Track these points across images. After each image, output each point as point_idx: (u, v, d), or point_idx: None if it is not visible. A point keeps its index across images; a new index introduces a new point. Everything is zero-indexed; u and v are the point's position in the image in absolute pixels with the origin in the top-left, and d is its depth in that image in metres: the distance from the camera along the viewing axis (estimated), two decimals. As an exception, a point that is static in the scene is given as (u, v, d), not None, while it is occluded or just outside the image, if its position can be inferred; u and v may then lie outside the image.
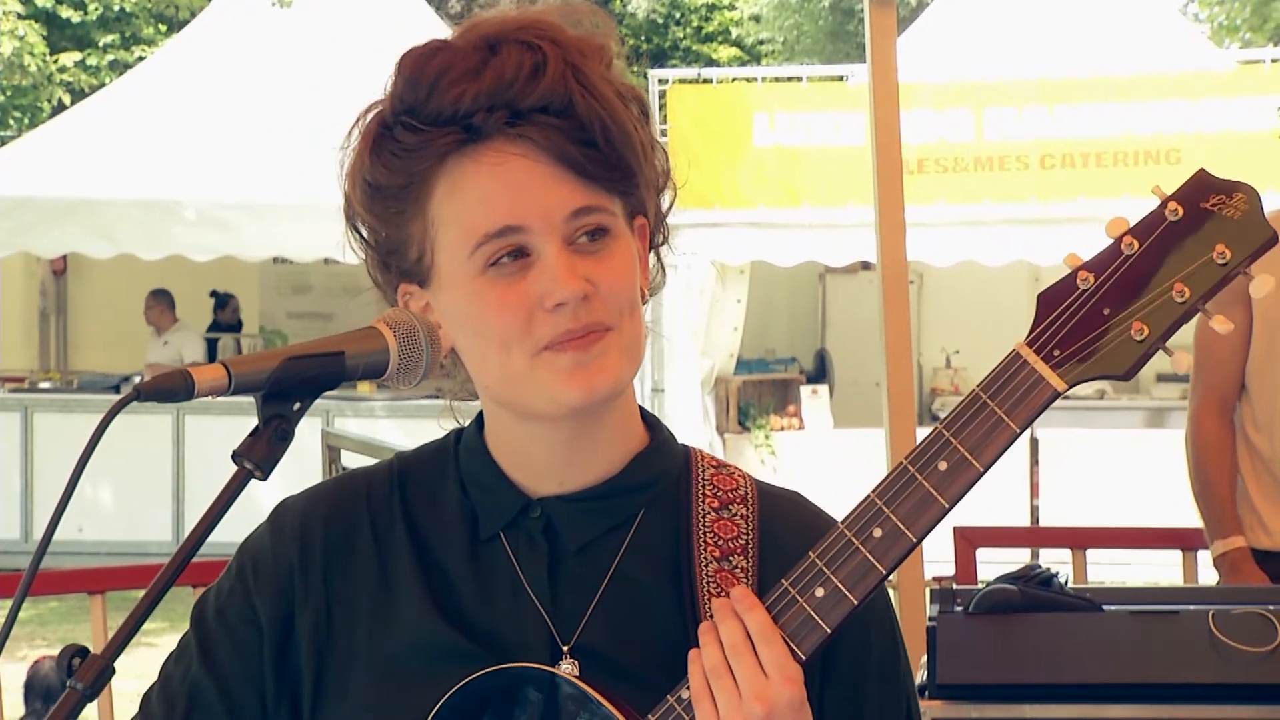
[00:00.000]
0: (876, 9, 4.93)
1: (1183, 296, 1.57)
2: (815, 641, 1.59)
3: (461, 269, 1.67)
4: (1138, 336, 1.58)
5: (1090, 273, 1.58)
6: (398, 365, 1.58)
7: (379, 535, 1.77)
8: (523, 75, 1.64)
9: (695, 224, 12.58)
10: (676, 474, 1.79)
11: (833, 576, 1.59)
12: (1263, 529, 4.32)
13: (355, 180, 1.73)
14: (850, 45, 26.57)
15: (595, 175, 1.66)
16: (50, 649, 9.28)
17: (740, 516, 1.75)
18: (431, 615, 1.71)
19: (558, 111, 1.65)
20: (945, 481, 1.58)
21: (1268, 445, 4.32)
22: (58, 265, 15.63)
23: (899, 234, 4.85)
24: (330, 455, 7.34)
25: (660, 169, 1.78)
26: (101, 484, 13.09)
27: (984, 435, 1.58)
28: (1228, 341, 4.33)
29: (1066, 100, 12.21)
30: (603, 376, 1.66)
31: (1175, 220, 1.57)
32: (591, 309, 1.66)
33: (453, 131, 1.65)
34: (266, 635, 1.75)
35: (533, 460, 1.75)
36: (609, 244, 1.68)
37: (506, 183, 1.65)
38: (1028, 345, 1.58)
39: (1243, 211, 1.58)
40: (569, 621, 1.71)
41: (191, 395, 1.47)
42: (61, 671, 1.47)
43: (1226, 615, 3.42)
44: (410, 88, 1.68)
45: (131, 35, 22.35)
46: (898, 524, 1.59)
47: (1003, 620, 3.44)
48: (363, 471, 1.84)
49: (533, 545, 1.74)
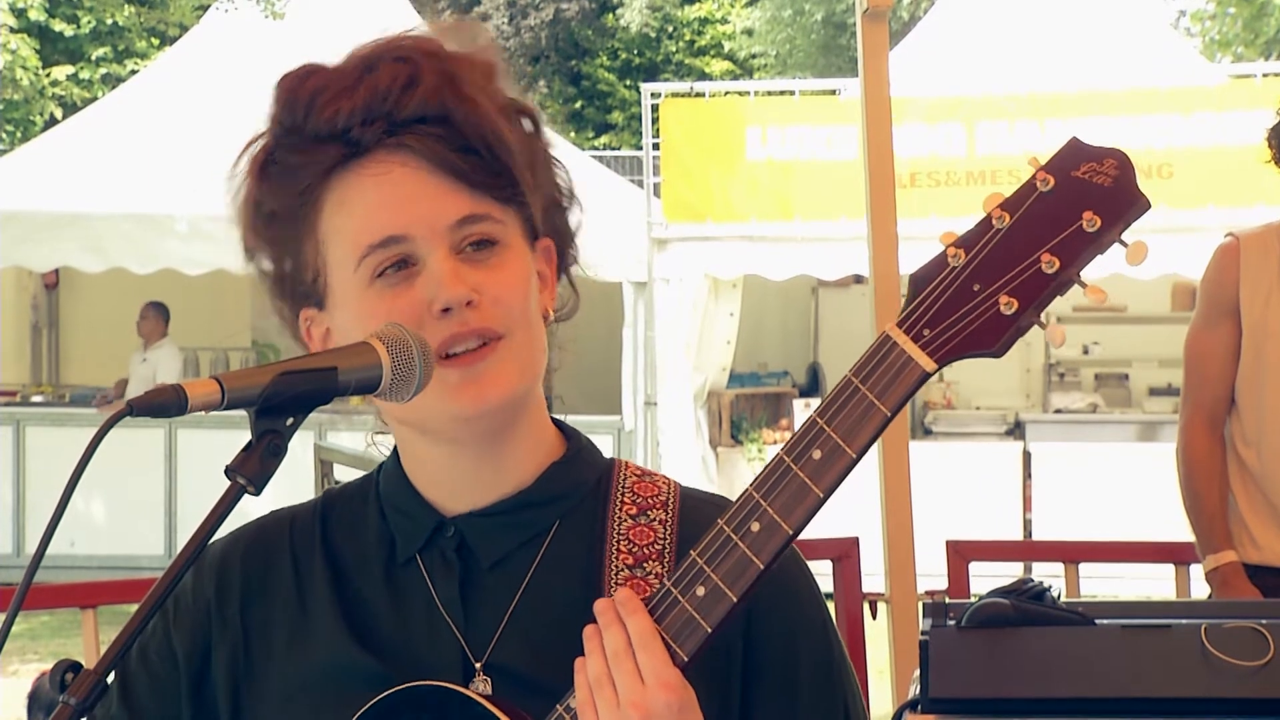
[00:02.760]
0: (869, 24, 4.93)
1: (1052, 267, 1.51)
2: (698, 641, 1.57)
3: (351, 283, 1.68)
4: (1007, 310, 1.52)
5: (961, 249, 1.54)
6: (391, 380, 1.58)
7: (299, 567, 1.78)
8: (397, 87, 1.65)
9: (687, 237, 12.58)
10: (594, 483, 1.78)
11: (713, 574, 1.56)
12: (1253, 544, 4.32)
13: (247, 209, 1.74)
14: (843, 59, 26.61)
15: (479, 183, 1.66)
16: (42, 663, 9.26)
17: (659, 522, 1.74)
18: (345, 641, 1.71)
19: (435, 121, 1.65)
20: (820, 470, 1.55)
21: (1256, 460, 4.33)
22: (49, 279, 15.60)
23: (891, 247, 4.85)
24: (323, 469, 7.32)
25: (563, 185, 1.77)
26: (94, 498, 13.06)
27: (856, 420, 1.54)
28: (1217, 356, 4.34)
29: (1058, 114, 12.21)
30: (493, 388, 1.66)
31: (1046, 190, 1.52)
32: (480, 315, 1.65)
33: (334, 146, 1.66)
34: (183, 671, 1.77)
35: (445, 479, 1.75)
36: (499, 254, 1.67)
37: (390, 192, 1.65)
38: (898, 326, 1.55)
39: (1113, 178, 1.52)
40: (482, 639, 1.70)
41: (184, 410, 1.46)
42: (55, 687, 1.46)
43: (1219, 629, 3.42)
44: (288, 110, 1.69)
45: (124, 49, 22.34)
46: (774, 517, 1.55)
47: (995, 634, 3.44)
48: (290, 508, 1.85)
49: (446, 564, 1.73)
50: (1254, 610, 3.63)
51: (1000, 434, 13.58)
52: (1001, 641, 3.43)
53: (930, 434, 13.90)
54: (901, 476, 4.92)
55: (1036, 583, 3.81)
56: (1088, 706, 3.41)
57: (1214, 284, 4.34)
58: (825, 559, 5.16)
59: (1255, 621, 3.46)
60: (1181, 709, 3.39)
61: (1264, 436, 4.30)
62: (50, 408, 14.15)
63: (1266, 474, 4.30)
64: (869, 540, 5.16)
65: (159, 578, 1.51)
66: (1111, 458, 12.70)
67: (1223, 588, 4.33)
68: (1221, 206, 11.43)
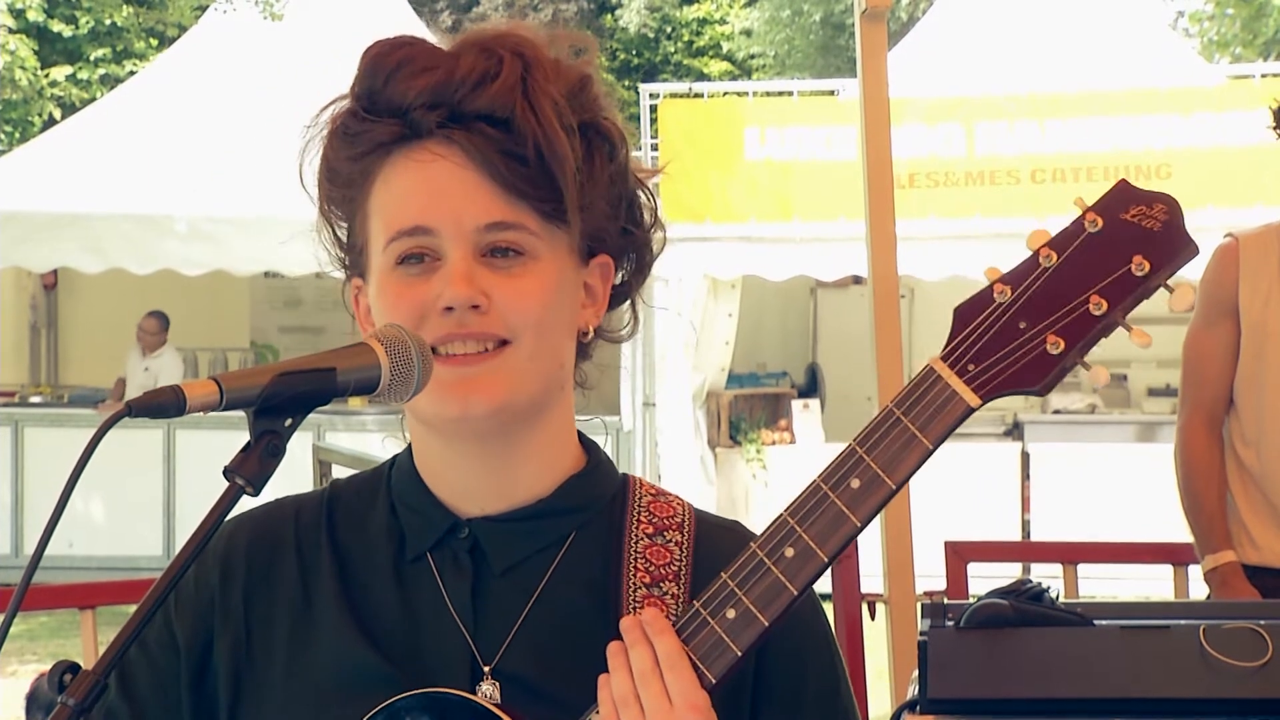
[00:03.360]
0: (867, 24, 4.93)
1: (1100, 309, 1.52)
2: (726, 664, 1.56)
3: (380, 262, 1.69)
4: (1053, 350, 1.52)
5: (1008, 285, 1.54)
6: (389, 381, 1.58)
7: (304, 557, 1.77)
8: (472, 79, 1.65)
9: (686, 238, 12.57)
10: (611, 499, 1.78)
11: (744, 598, 1.56)
12: (1251, 545, 4.32)
13: (321, 165, 1.75)
14: (841, 60, 26.62)
15: (520, 191, 1.65)
16: (41, 664, 9.26)
17: (674, 544, 1.74)
18: (350, 635, 1.71)
19: (497, 122, 1.65)
20: (858, 500, 1.55)
21: (1255, 460, 4.32)
22: (48, 279, 15.60)
23: (890, 248, 4.85)
24: (322, 470, 7.32)
25: (638, 212, 1.77)
26: (92, 499, 13.06)
27: (897, 452, 1.55)
28: (1216, 356, 4.33)
29: (1057, 115, 12.22)
30: (482, 395, 1.65)
31: (1095, 232, 1.53)
32: (485, 320, 1.65)
33: (394, 124, 1.67)
34: (184, 660, 1.76)
35: (457, 480, 1.74)
36: (524, 264, 1.67)
37: (427, 183, 1.66)
38: (942, 360, 1.55)
39: (1163, 223, 1.54)
40: (492, 643, 1.70)
41: (183, 411, 1.46)
42: (53, 688, 1.46)
43: (1218, 630, 3.42)
44: (369, 75, 1.70)
45: (123, 49, 22.33)
46: (809, 543, 1.55)
47: (994, 635, 3.44)
48: (295, 497, 1.84)
49: (458, 566, 1.73)
50: (1253, 611, 3.63)
51: (999, 434, 13.58)
52: (1000, 642, 3.43)
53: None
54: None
55: (1035, 583, 3.81)
56: (1086, 707, 3.41)
57: (1213, 284, 4.34)
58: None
59: (1254, 622, 3.46)
60: (1180, 709, 3.39)
61: (1264, 436, 4.30)
62: (49, 408, 14.14)
63: (1266, 474, 4.30)
64: (867, 541, 5.13)
65: (157, 578, 1.51)
66: (1110, 458, 12.70)
67: (1221, 588, 4.33)
68: (1220, 207, 11.41)
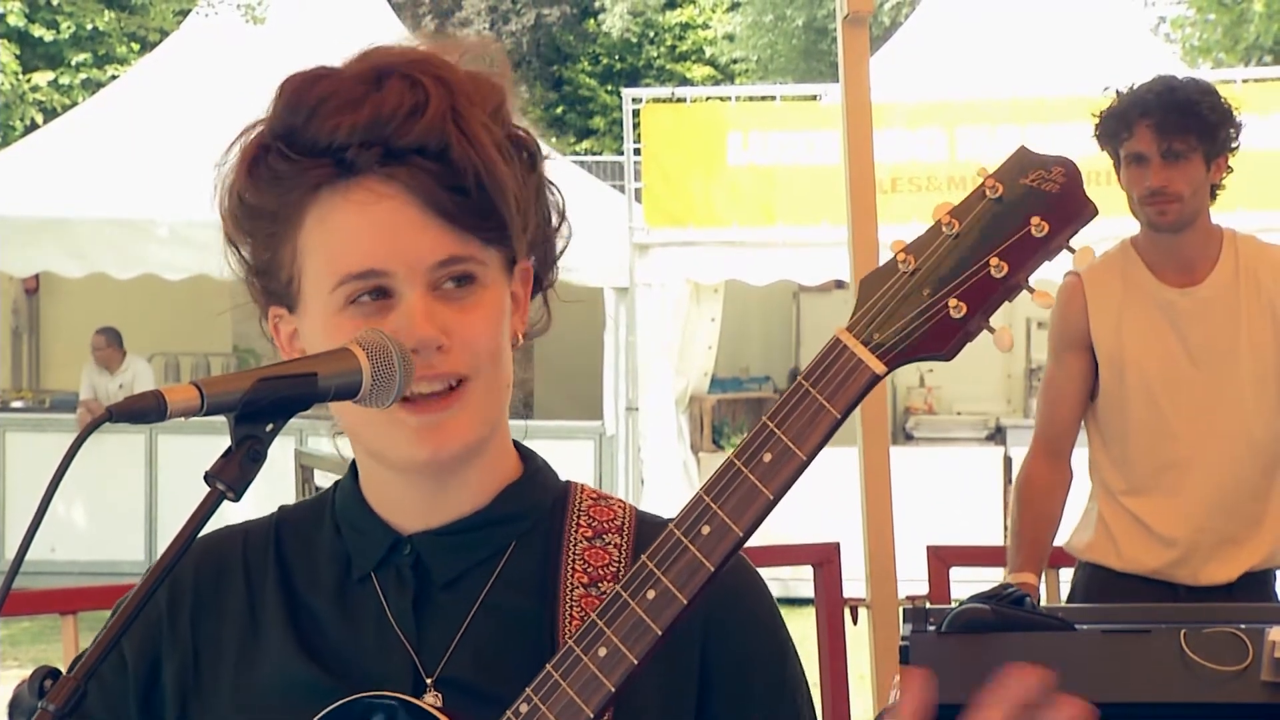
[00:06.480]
0: (850, 29, 4.94)
1: (1001, 271, 1.53)
2: (647, 644, 1.56)
3: (323, 302, 1.67)
4: (956, 314, 1.53)
5: (911, 254, 1.56)
6: (370, 386, 1.57)
7: (251, 580, 1.77)
8: (401, 113, 1.62)
9: (669, 243, 12.59)
10: (550, 505, 1.78)
11: (663, 577, 1.56)
12: (1118, 555, 4.46)
13: (231, 196, 1.72)
14: (824, 64, 26.67)
15: (466, 224, 1.64)
16: (22, 669, 9.23)
17: (614, 545, 1.75)
18: (293, 652, 1.71)
19: (433, 154, 1.63)
20: (770, 473, 1.54)
21: (1122, 482, 4.45)
22: (30, 284, 15.58)
23: (872, 253, 4.86)
24: (304, 474, 7.32)
25: (554, 210, 1.77)
26: (74, 504, 13.04)
27: (806, 423, 1.54)
28: (1067, 395, 4.54)
29: (1039, 120, 12.24)
30: (452, 438, 1.66)
31: (995, 197, 1.55)
32: (447, 359, 1.64)
33: (325, 164, 1.64)
34: (132, 681, 1.76)
35: (402, 500, 1.74)
36: (475, 292, 1.66)
37: (374, 224, 1.63)
38: (848, 330, 1.55)
39: (1061, 185, 1.55)
40: (434, 654, 1.70)
41: (164, 416, 1.46)
42: (33, 694, 1.46)
43: (1198, 634, 3.43)
44: (290, 112, 1.66)
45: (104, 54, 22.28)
46: (724, 519, 1.55)
47: (976, 639, 3.45)
48: (244, 523, 1.84)
49: (401, 581, 1.73)
50: (1234, 615, 3.64)
51: (981, 439, 13.61)
52: (982, 646, 3.44)
53: (911, 439, 13.92)
54: (882, 482, 4.93)
55: (1016, 588, 3.82)
56: (1068, 711, 3.42)
57: (1061, 320, 4.50)
58: (806, 564, 5.17)
59: (1234, 627, 3.48)
60: (1161, 713, 3.40)
61: (1128, 457, 4.43)
62: (30, 413, 14.12)
63: (1133, 492, 4.40)
64: (850, 546, 5.17)
65: (138, 583, 1.51)
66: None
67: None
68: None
